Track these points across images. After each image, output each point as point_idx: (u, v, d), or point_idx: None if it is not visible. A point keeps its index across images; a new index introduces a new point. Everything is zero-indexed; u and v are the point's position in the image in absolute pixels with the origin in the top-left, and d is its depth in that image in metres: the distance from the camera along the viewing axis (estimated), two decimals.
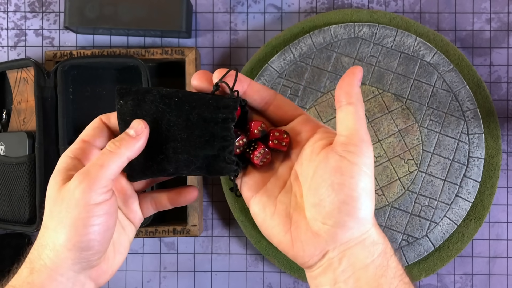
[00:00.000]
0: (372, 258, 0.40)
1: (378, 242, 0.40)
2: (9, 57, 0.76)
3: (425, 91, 0.70)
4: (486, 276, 0.73)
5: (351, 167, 0.39)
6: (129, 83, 0.73)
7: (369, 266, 0.40)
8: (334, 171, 0.39)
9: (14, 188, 0.68)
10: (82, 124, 0.72)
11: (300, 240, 0.40)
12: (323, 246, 0.40)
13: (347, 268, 0.40)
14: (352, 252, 0.40)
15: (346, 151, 0.39)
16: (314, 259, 0.40)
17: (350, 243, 0.40)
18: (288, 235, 0.41)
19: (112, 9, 0.69)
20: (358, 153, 0.39)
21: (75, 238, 0.39)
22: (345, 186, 0.39)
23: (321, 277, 0.41)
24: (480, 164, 0.69)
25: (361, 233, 0.40)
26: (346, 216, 0.39)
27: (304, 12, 0.75)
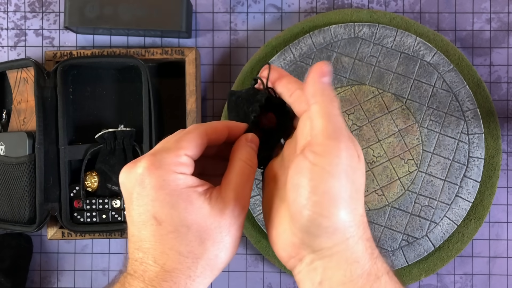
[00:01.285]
0: (351, 278, 0.36)
1: (360, 261, 0.37)
2: (9, 57, 0.76)
3: (425, 91, 0.70)
4: (486, 276, 0.73)
5: (311, 168, 0.35)
6: (129, 83, 0.73)
7: (347, 287, 0.36)
8: (296, 174, 0.36)
9: (14, 188, 0.68)
10: (82, 124, 0.73)
11: (280, 237, 0.39)
12: (297, 249, 0.38)
13: (324, 281, 0.37)
14: (327, 264, 0.37)
15: (310, 151, 0.36)
16: (292, 262, 0.39)
17: (324, 253, 0.37)
18: (273, 230, 0.40)
19: (112, 9, 0.69)
20: (321, 152, 0.36)
21: None
22: (304, 189, 0.36)
23: (302, 284, 0.39)
24: (480, 164, 0.69)
25: (333, 243, 0.36)
26: (308, 222, 0.36)
27: (304, 12, 0.75)
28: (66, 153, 0.69)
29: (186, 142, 0.38)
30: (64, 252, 0.74)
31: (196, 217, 0.37)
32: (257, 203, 0.70)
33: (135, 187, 0.37)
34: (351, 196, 0.36)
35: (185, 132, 0.39)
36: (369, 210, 0.69)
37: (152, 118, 0.68)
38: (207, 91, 0.75)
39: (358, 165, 0.37)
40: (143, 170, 0.37)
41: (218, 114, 0.75)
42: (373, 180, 0.69)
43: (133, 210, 0.37)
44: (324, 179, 0.35)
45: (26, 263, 0.72)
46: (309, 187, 0.36)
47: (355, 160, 0.37)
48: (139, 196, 0.37)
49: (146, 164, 0.37)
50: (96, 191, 0.70)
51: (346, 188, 0.36)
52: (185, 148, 0.38)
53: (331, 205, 0.35)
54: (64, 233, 0.70)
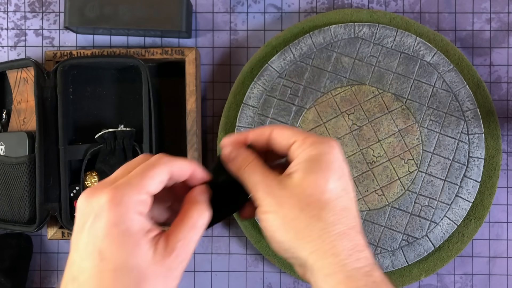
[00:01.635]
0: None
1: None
2: (9, 57, 0.76)
3: (425, 91, 0.70)
4: (486, 276, 0.73)
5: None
6: (129, 83, 0.73)
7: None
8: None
9: (14, 188, 0.68)
10: (82, 124, 0.73)
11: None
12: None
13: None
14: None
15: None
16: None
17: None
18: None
19: (112, 9, 0.69)
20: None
21: None
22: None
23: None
24: (480, 164, 0.69)
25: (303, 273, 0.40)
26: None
27: (304, 12, 0.75)
28: (66, 153, 0.69)
29: (150, 180, 0.38)
30: (64, 252, 0.74)
31: (139, 261, 0.36)
32: None
33: (90, 217, 0.36)
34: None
35: (150, 165, 0.38)
36: (369, 210, 0.69)
37: (152, 118, 0.68)
38: (207, 91, 0.75)
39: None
40: (103, 203, 0.36)
41: (218, 114, 0.75)
42: (373, 180, 0.69)
43: (82, 239, 0.37)
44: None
45: (26, 263, 0.72)
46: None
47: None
48: (92, 227, 0.36)
49: (108, 197, 0.36)
50: None
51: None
52: (148, 186, 0.37)
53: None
54: (64, 233, 0.70)
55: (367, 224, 0.69)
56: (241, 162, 0.41)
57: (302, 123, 0.70)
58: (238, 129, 0.71)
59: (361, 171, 0.70)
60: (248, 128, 0.71)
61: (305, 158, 0.39)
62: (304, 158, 0.39)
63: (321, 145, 0.40)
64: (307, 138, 0.40)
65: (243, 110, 0.71)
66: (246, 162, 0.41)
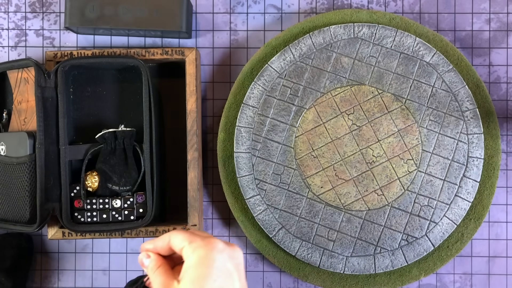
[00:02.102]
0: None
1: None
2: (10, 57, 0.76)
3: (425, 91, 0.70)
4: (485, 275, 0.73)
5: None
6: (129, 83, 0.73)
7: None
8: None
9: (15, 188, 0.69)
10: (82, 124, 0.73)
11: None
12: None
13: None
14: None
15: None
16: None
17: None
18: None
19: (113, 10, 0.69)
20: None
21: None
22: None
23: None
24: (479, 164, 0.69)
25: None
26: None
27: (304, 13, 0.75)
28: (66, 153, 0.69)
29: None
30: (64, 251, 0.75)
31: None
32: (257, 203, 0.70)
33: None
34: None
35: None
36: (368, 210, 0.69)
37: (152, 118, 0.68)
38: (207, 91, 0.75)
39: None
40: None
41: (218, 114, 0.75)
42: (373, 180, 0.70)
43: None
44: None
45: (26, 263, 0.72)
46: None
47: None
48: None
49: None
50: (97, 191, 0.70)
51: None
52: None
53: None
54: (65, 233, 0.70)
55: (367, 224, 0.69)
56: (151, 267, 0.51)
57: (302, 123, 0.71)
58: (238, 129, 0.71)
59: (361, 171, 0.70)
60: (248, 128, 0.71)
61: (189, 264, 0.48)
62: (188, 265, 0.48)
63: (200, 250, 0.48)
64: (191, 242, 0.49)
65: (243, 110, 0.71)
66: (155, 267, 0.51)
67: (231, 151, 0.72)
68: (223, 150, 0.72)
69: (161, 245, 0.52)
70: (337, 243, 0.69)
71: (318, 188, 0.70)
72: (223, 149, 0.72)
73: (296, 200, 0.70)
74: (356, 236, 0.69)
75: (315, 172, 0.70)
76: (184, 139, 0.72)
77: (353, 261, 0.69)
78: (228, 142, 0.72)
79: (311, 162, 0.70)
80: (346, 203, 0.70)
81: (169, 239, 0.51)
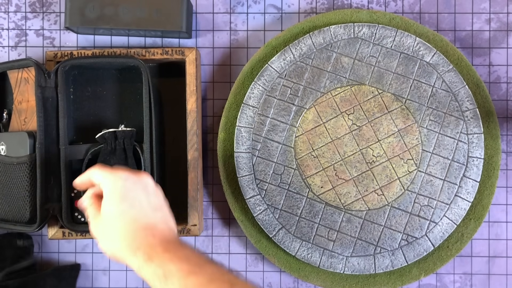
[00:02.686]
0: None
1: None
2: (10, 57, 0.76)
3: (425, 91, 0.70)
4: (485, 275, 0.73)
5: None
6: (129, 83, 0.73)
7: None
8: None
9: (15, 188, 0.69)
10: (82, 124, 0.73)
11: None
12: None
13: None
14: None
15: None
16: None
17: None
18: None
19: (113, 10, 0.69)
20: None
21: None
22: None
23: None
24: (479, 164, 0.69)
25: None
26: None
27: (304, 13, 0.75)
28: (66, 153, 0.69)
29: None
30: (64, 251, 0.75)
31: None
32: (257, 203, 0.70)
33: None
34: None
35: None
36: (368, 209, 0.69)
37: (152, 118, 0.68)
38: (207, 91, 0.75)
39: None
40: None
41: (218, 114, 0.75)
42: (373, 180, 0.70)
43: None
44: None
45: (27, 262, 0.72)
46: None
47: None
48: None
49: None
50: None
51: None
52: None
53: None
54: (65, 233, 0.70)
55: (367, 224, 0.69)
56: (85, 205, 0.58)
57: (302, 123, 0.71)
58: (238, 129, 0.71)
59: (361, 171, 0.70)
60: (248, 128, 0.71)
61: (104, 197, 0.56)
62: (104, 197, 0.56)
63: (108, 183, 0.55)
64: (103, 178, 0.56)
65: (243, 110, 0.71)
66: (88, 205, 0.58)
67: (231, 151, 0.72)
68: (223, 150, 0.72)
69: (83, 181, 0.59)
70: (337, 243, 0.69)
71: (318, 188, 0.70)
72: (223, 149, 0.72)
73: (296, 200, 0.70)
74: (356, 236, 0.69)
75: (315, 172, 0.70)
76: (184, 139, 0.72)
77: (353, 261, 0.69)
78: (228, 142, 0.72)
79: (311, 162, 0.70)
80: (346, 203, 0.70)
81: (89, 177, 0.58)
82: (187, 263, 0.48)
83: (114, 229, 0.54)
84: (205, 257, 0.51)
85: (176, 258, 0.49)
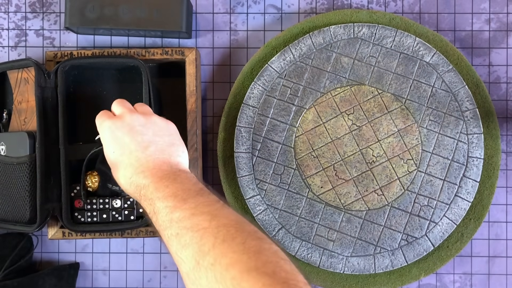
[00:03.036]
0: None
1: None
2: (10, 57, 0.76)
3: (425, 91, 0.70)
4: (485, 275, 0.73)
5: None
6: (129, 84, 0.73)
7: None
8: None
9: (15, 188, 0.69)
10: (82, 124, 0.73)
11: None
12: None
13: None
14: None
15: None
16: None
17: None
18: None
19: (113, 10, 0.69)
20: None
21: None
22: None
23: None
24: (479, 164, 0.69)
25: None
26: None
27: (304, 13, 0.75)
28: (66, 153, 0.69)
29: None
30: (64, 251, 0.75)
31: None
32: (257, 203, 0.70)
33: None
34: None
35: None
36: (368, 209, 0.69)
37: None
38: (207, 91, 0.75)
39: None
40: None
41: (218, 114, 0.75)
42: (373, 180, 0.70)
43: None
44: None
45: (26, 263, 0.72)
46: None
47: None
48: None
49: None
50: (97, 191, 0.70)
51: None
52: None
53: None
54: (65, 233, 0.70)
55: (367, 224, 0.69)
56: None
57: (302, 123, 0.71)
58: (238, 129, 0.71)
59: (361, 171, 0.70)
60: (248, 128, 0.71)
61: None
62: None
63: (99, 128, 0.61)
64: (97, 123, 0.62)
65: (243, 110, 0.71)
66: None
67: (231, 151, 0.72)
68: (223, 150, 0.72)
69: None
70: (337, 243, 0.69)
71: (318, 188, 0.70)
72: (223, 149, 0.72)
73: (296, 200, 0.70)
74: (356, 236, 0.69)
75: (315, 172, 0.70)
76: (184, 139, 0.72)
77: (353, 261, 0.69)
78: (228, 142, 0.72)
79: (311, 162, 0.70)
80: (346, 203, 0.70)
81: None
82: (174, 199, 0.52)
83: (118, 174, 0.59)
84: (196, 187, 0.54)
85: (164, 195, 0.53)
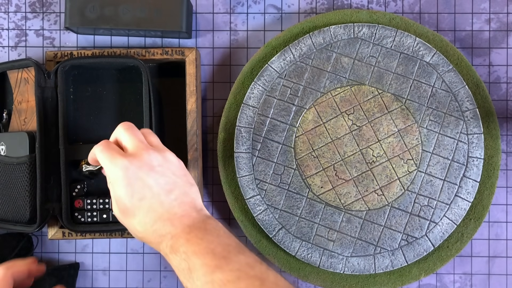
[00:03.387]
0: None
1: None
2: (10, 57, 0.76)
3: (425, 91, 0.70)
4: (485, 275, 0.73)
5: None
6: (129, 84, 0.73)
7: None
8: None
9: (15, 188, 0.69)
10: (82, 124, 0.73)
11: None
12: None
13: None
14: None
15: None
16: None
17: None
18: None
19: (113, 10, 0.69)
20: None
21: None
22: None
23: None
24: (479, 164, 0.69)
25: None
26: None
27: (304, 13, 0.75)
28: (66, 153, 0.69)
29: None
30: (64, 252, 0.75)
31: None
32: (257, 203, 0.70)
33: None
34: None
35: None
36: (368, 209, 0.69)
37: (152, 118, 0.68)
38: (207, 91, 0.75)
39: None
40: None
41: (218, 114, 0.75)
42: (373, 180, 0.70)
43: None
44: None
45: None
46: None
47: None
48: None
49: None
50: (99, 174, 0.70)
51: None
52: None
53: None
54: (65, 233, 0.70)
55: (367, 224, 0.69)
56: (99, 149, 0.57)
57: (302, 123, 0.71)
58: (238, 129, 0.71)
59: (361, 171, 0.70)
60: (248, 128, 0.71)
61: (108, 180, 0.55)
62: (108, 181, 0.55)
63: (106, 169, 0.53)
64: (102, 163, 0.54)
65: (243, 110, 0.71)
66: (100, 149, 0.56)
67: (231, 151, 0.72)
68: (223, 150, 0.72)
69: (93, 157, 0.58)
70: (337, 243, 0.69)
71: (318, 188, 0.70)
72: (223, 149, 0.72)
73: (296, 200, 0.70)
74: (356, 236, 0.69)
75: (315, 172, 0.70)
76: (184, 139, 0.72)
77: (353, 261, 0.69)
78: (228, 142, 0.72)
79: (311, 162, 0.70)
80: (346, 203, 0.70)
81: (94, 154, 0.56)
82: (213, 256, 0.45)
83: (133, 221, 0.51)
84: (232, 241, 0.47)
85: (201, 251, 0.45)
